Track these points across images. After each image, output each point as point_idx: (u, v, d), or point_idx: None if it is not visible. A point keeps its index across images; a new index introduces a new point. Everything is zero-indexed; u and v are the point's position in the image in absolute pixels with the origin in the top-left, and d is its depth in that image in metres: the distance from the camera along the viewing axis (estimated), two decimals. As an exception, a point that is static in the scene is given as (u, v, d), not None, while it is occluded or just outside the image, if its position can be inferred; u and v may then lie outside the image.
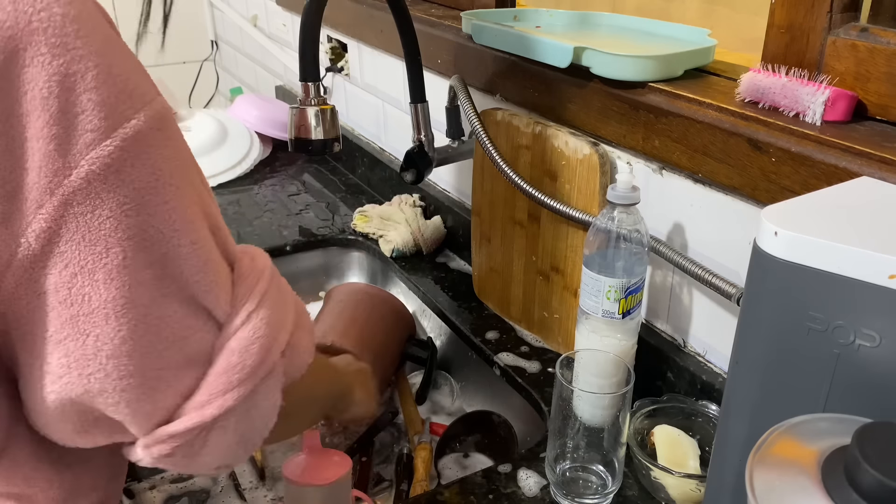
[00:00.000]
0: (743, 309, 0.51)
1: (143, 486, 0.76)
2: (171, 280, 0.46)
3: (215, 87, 2.42)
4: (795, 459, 0.40)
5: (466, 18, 1.00)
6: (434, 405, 1.05)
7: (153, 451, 0.50)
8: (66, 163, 0.42)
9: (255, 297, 0.51)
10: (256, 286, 0.52)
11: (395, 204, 1.28)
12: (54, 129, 0.42)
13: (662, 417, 0.78)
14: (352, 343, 0.99)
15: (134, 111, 0.44)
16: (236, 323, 0.50)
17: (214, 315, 0.50)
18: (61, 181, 0.42)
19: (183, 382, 0.49)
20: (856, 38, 0.67)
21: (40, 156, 0.42)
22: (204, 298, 0.49)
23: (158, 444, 0.49)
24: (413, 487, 0.88)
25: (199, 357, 0.49)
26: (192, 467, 0.52)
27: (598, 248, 0.77)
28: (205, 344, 0.49)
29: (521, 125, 0.93)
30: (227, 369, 0.49)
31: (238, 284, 0.51)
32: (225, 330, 0.50)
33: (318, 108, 0.92)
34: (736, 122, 0.70)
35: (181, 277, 0.47)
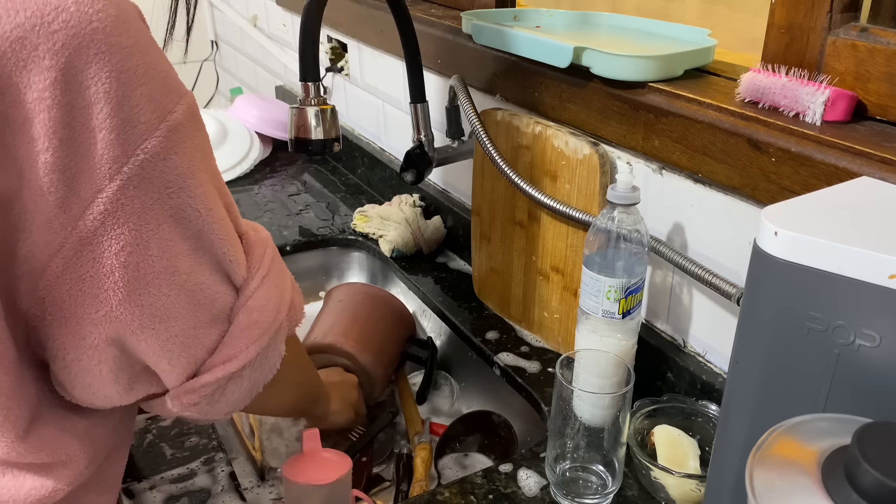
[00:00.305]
0: (743, 309, 0.51)
1: (143, 486, 0.76)
2: (203, 251, 0.53)
3: (215, 87, 2.42)
4: (795, 459, 0.40)
5: (466, 18, 1.00)
6: (434, 405, 1.05)
7: (183, 400, 0.56)
8: (125, 151, 0.47)
9: (265, 263, 0.59)
10: (265, 255, 0.59)
11: (395, 204, 1.28)
12: (115, 120, 0.46)
13: (662, 417, 0.78)
14: (352, 343, 0.99)
15: (174, 104, 0.50)
16: (252, 286, 0.58)
17: (233, 280, 0.57)
18: (120, 168, 0.47)
19: (210, 338, 0.56)
20: (856, 38, 0.67)
21: (103, 144, 0.46)
22: (227, 266, 0.56)
23: (188, 394, 0.56)
24: (412, 487, 0.88)
25: (222, 316, 0.56)
26: (210, 414, 0.59)
27: (598, 248, 0.77)
28: (226, 305, 0.56)
29: (521, 125, 0.93)
30: (248, 325, 0.57)
31: (250, 253, 0.59)
32: (243, 292, 0.57)
33: (318, 108, 0.92)
34: (736, 122, 0.70)
35: (211, 249, 0.54)
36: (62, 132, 0.45)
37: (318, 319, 1.04)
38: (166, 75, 0.50)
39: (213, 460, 0.79)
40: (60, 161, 0.46)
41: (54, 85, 0.44)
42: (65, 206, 0.47)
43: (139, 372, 0.55)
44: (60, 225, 0.47)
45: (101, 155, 0.46)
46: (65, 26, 0.44)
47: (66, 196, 0.46)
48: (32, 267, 0.48)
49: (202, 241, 0.53)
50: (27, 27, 0.44)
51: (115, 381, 0.54)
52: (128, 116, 0.47)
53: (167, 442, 0.82)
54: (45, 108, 0.45)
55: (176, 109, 0.50)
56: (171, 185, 0.50)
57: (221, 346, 0.57)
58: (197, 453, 0.80)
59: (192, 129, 0.51)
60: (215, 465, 0.79)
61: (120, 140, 0.47)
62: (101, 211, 0.47)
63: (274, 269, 0.60)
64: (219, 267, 0.55)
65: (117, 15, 0.47)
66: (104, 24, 0.46)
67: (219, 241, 0.54)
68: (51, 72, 0.44)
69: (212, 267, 0.54)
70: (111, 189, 0.47)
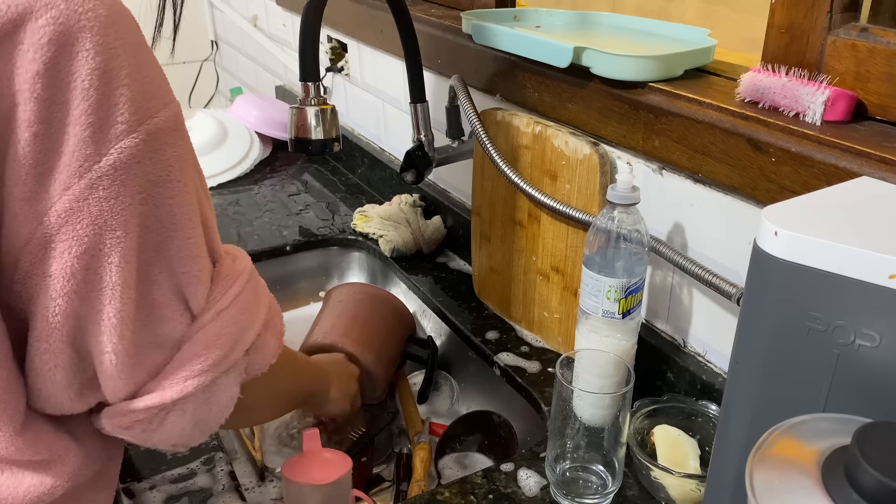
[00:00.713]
0: (743, 309, 0.51)
1: (143, 486, 0.76)
2: (160, 267, 0.51)
3: (215, 87, 2.42)
4: (795, 459, 0.40)
5: (466, 18, 1.00)
6: (434, 405, 1.05)
7: (114, 421, 0.54)
8: (98, 150, 0.47)
9: (228, 297, 0.56)
10: (231, 288, 0.57)
11: (395, 204, 1.28)
12: (92, 117, 0.46)
13: (662, 417, 0.78)
14: (353, 343, 0.99)
15: (157, 109, 0.49)
16: (207, 318, 0.55)
17: (190, 306, 0.54)
18: (91, 166, 0.47)
19: (152, 361, 0.53)
20: (856, 38, 0.67)
21: (76, 141, 0.46)
22: (185, 289, 0.53)
23: (119, 416, 0.54)
24: (411, 487, 0.88)
25: (170, 342, 0.54)
26: (149, 442, 0.57)
27: (598, 248, 0.77)
28: (176, 331, 0.54)
29: (521, 125, 0.93)
30: (190, 358, 0.54)
31: (216, 283, 0.56)
32: (196, 322, 0.55)
33: (318, 108, 0.92)
34: (736, 122, 0.70)
35: (170, 266, 0.51)
36: (37, 126, 0.45)
37: (319, 320, 1.04)
38: (152, 81, 0.50)
39: (213, 460, 0.79)
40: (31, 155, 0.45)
41: (35, 79, 0.45)
42: (32, 200, 0.46)
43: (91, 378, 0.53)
44: (26, 218, 0.47)
45: (72, 152, 0.46)
46: (52, 22, 0.45)
47: (34, 190, 0.46)
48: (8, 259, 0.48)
49: (162, 254, 0.51)
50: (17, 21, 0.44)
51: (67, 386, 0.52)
52: (105, 115, 0.47)
53: (167, 442, 0.82)
54: (24, 101, 0.45)
55: (158, 115, 0.49)
56: (141, 190, 0.49)
57: (162, 374, 0.54)
58: (197, 453, 0.80)
59: (174, 137, 0.51)
60: (215, 465, 0.79)
61: (94, 138, 0.46)
62: (66, 209, 0.47)
63: (237, 305, 0.57)
64: (176, 289, 0.53)
65: (107, 15, 0.47)
66: (92, 22, 0.46)
67: (180, 260, 0.52)
68: (34, 65, 0.45)
69: (168, 286, 0.52)
70: (78, 187, 0.46)
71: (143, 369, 0.53)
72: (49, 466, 0.54)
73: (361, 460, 0.94)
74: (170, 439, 0.57)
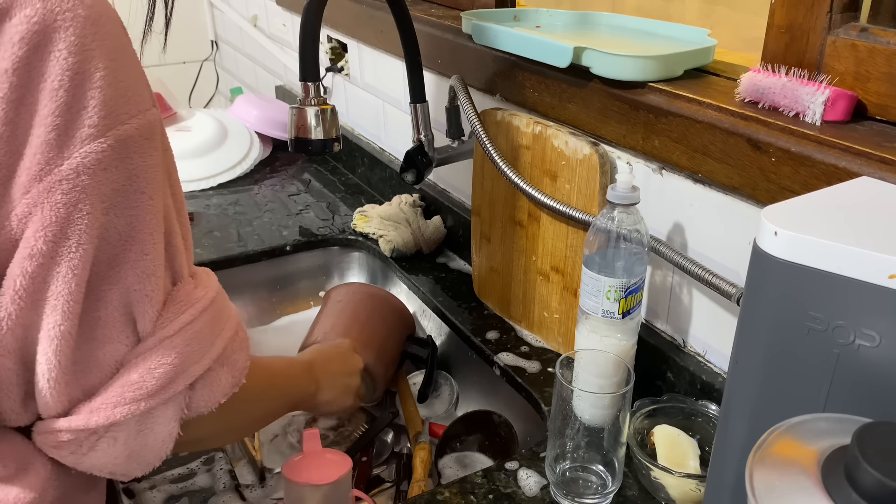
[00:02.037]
0: (743, 309, 0.51)
1: (143, 485, 0.76)
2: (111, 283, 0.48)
3: (215, 87, 2.42)
4: (795, 459, 0.40)
5: (466, 18, 1.00)
6: (434, 406, 1.05)
7: (41, 438, 0.51)
8: (61, 153, 0.44)
9: (176, 324, 0.52)
10: (182, 315, 0.53)
11: (395, 204, 1.28)
12: (58, 119, 0.44)
13: (662, 417, 0.78)
14: (353, 343, 0.99)
15: (129, 116, 0.47)
16: (149, 344, 0.51)
17: (137, 328, 0.51)
18: (52, 169, 0.44)
19: (88, 381, 0.50)
20: (856, 38, 0.67)
21: (38, 143, 0.44)
22: (135, 308, 0.50)
23: (46, 433, 0.51)
24: (411, 487, 0.88)
25: (110, 363, 0.51)
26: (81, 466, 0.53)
27: (598, 248, 0.77)
28: (118, 353, 0.51)
29: (521, 125, 0.93)
30: (123, 384, 0.50)
31: (167, 307, 0.52)
32: (137, 347, 0.51)
33: (318, 108, 0.92)
34: (736, 122, 0.70)
35: (122, 283, 0.48)
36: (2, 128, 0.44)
37: (318, 320, 1.04)
38: (128, 86, 0.47)
39: (213, 460, 0.79)
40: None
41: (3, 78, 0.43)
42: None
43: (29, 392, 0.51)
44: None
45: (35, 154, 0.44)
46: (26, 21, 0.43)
47: None
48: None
49: (114, 269, 0.48)
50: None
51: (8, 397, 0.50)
52: (73, 118, 0.45)
53: (167, 442, 0.82)
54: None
55: (129, 122, 0.47)
56: (103, 199, 0.46)
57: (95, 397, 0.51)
58: (197, 453, 0.80)
59: (145, 146, 0.48)
60: (215, 465, 0.79)
61: (59, 141, 0.44)
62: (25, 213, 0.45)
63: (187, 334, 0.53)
64: (125, 308, 0.50)
65: (86, 16, 0.45)
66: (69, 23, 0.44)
67: (133, 276, 0.49)
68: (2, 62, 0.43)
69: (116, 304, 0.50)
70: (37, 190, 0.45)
71: (79, 387, 0.50)
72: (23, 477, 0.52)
73: (361, 460, 0.94)
74: (103, 467, 0.53)
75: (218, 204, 1.41)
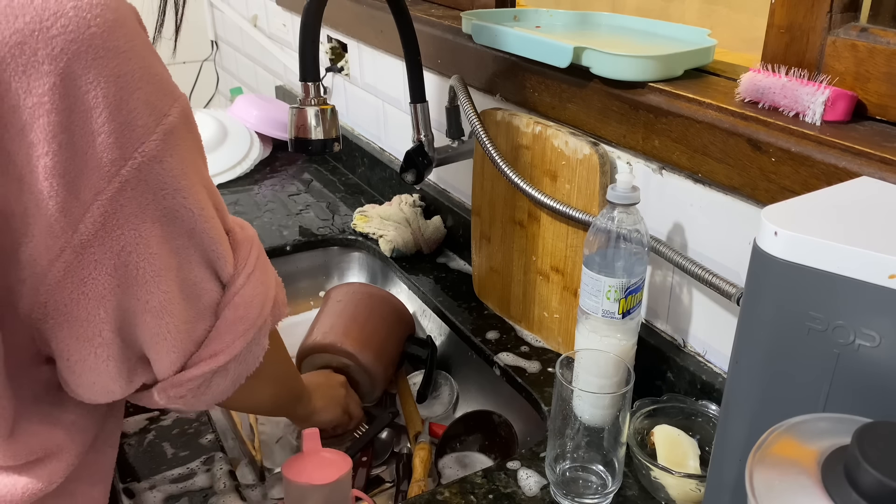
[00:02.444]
0: (743, 309, 0.51)
1: (143, 485, 0.76)
2: (194, 248, 0.55)
3: (215, 87, 2.42)
4: (795, 459, 0.40)
5: (466, 18, 1.00)
6: (434, 406, 1.05)
7: (170, 392, 0.58)
8: (123, 154, 0.48)
9: (251, 261, 0.60)
10: (251, 252, 0.61)
11: (395, 204, 1.28)
12: (113, 123, 0.47)
13: (662, 417, 0.78)
14: (352, 343, 0.99)
15: (169, 107, 0.50)
16: (239, 283, 0.59)
17: (220, 276, 0.58)
18: (118, 170, 0.48)
19: (198, 332, 0.57)
20: (856, 38, 0.67)
21: (101, 148, 0.47)
22: (216, 263, 0.57)
23: (176, 387, 0.57)
24: (411, 487, 0.88)
25: (209, 311, 0.58)
26: (194, 406, 0.61)
27: (598, 248, 0.77)
28: (214, 300, 0.58)
29: (521, 125, 0.93)
30: (234, 321, 0.58)
31: (236, 251, 0.59)
32: (230, 288, 0.58)
33: (317, 108, 0.92)
34: (736, 122, 0.70)
35: (202, 246, 0.55)
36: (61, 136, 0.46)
37: (318, 319, 1.04)
38: (161, 78, 0.50)
39: (213, 460, 0.79)
40: (60, 165, 0.46)
41: (53, 90, 0.45)
42: (65, 211, 0.47)
43: (136, 363, 0.56)
44: (61, 229, 0.47)
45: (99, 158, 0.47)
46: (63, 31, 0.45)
47: (66, 200, 0.47)
48: (34, 271, 0.49)
49: (194, 238, 0.54)
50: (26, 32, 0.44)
51: (118, 375, 0.55)
52: (125, 120, 0.47)
53: (167, 441, 0.82)
54: (45, 112, 0.45)
55: (171, 112, 0.50)
56: (166, 186, 0.51)
57: (208, 341, 0.58)
58: (197, 453, 0.80)
59: (186, 131, 0.52)
60: (215, 465, 0.79)
61: (118, 143, 0.47)
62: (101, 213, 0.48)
63: (259, 267, 0.61)
64: (208, 264, 0.56)
65: (115, 19, 0.47)
66: (102, 28, 0.46)
67: (209, 240, 0.55)
68: (49, 77, 0.45)
69: (202, 263, 0.56)
70: (110, 192, 0.48)
71: (192, 342, 0.57)
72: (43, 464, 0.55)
73: (361, 460, 0.94)
74: (211, 399, 0.61)
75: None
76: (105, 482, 0.63)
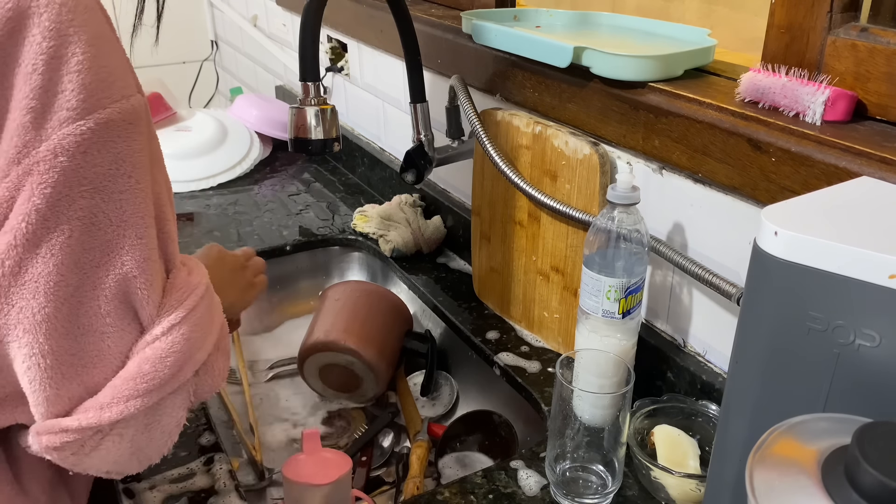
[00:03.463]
0: (743, 309, 0.51)
1: (143, 485, 0.76)
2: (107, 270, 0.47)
3: (215, 87, 2.42)
4: (795, 459, 0.40)
5: (466, 18, 1.00)
6: (434, 406, 1.05)
7: (42, 440, 0.49)
8: (38, 135, 0.44)
9: (181, 310, 0.52)
10: (186, 300, 0.52)
11: (395, 204, 1.28)
12: (33, 102, 0.44)
13: (662, 417, 0.78)
14: (354, 339, 0.99)
15: (111, 101, 0.47)
16: (156, 332, 0.50)
17: (140, 317, 0.50)
18: (29, 151, 0.44)
19: (91, 377, 0.49)
20: (856, 38, 0.67)
21: (15, 126, 0.44)
22: (134, 297, 0.49)
23: (49, 434, 0.49)
24: (406, 483, 0.88)
25: (113, 356, 0.49)
26: (79, 467, 0.52)
27: (598, 247, 0.77)
28: (122, 345, 0.50)
29: (521, 125, 0.93)
30: (135, 376, 0.49)
31: (169, 294, 0.52)
32: (144, 336, 0.50)
33: (317, 108, 0.92)
34: (736, 122, 0.70)
35: (119, 269, 0.48)
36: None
37: (318, 318, 1.04)
38: (110, 72, 0.47)
39: (213, 460, 0.79)
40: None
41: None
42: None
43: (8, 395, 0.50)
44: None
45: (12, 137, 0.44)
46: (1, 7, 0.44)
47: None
48: None
49: (109, 256, 0.48)
50: None
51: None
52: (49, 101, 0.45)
53: (167, 442, 0.82)
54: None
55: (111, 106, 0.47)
56: (85, 182, 0.46)
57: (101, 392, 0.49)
58: (197, 453, 0.80)
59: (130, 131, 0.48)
60: (215, 465, 0.79)
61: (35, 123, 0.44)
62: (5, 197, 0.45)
63: (192, 321, 0.52)
64: (123, 297, 0.49)
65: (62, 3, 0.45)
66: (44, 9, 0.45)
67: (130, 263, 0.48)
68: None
69: (114, 293, 0.48)
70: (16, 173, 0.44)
71: (80, 384, 0.49)
72: None
73: (361, 460, 0.94)
74: (103, 466, 0.52)
75: (218, 204, 1.41)
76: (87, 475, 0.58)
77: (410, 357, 1.10)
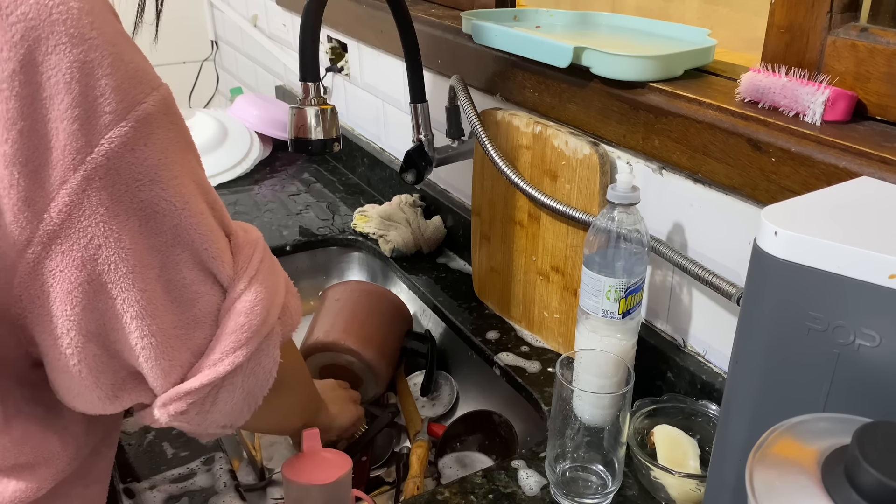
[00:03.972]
0: (743, 309, 0.51)
1: (144, 485, 0.76)
2: (182, 247, 0.52)
3: (215, 87, 2.42)
4: (795, 459, 0.40)
5: (466, 18, 1.00)
6: (434, 406, 1.05)
7: (170, 408, 0.54)
8: (89, 141, 0.46)
9: (253, 264, 0.57)
10: (254, 255, 0.58)
11: (395, 204, 1.28)
12: (77, 110, 0.46)
13: (662, 417, 0.78)
14: (354, 340, 0.99)
15: (144, 95, 0.49)
16: (239, 288, 0.56)
17: (219, 280, 0.55)
18: (84, 158, 0.46)
19: (195, 341, 0.54)
20: (856, 38, 0.67)
21: (65, 135, 0.46)
22: (210, 264, 0.54)
23: (175, 401, 0.54)
24: (406, 483, 0.88)
25: (208, 318, 0.55)
26: (204, 425, 0.57)
27: (598, 247, 0.77)
28: (212, 306, 0.55)
29: (521, 125, 0.93)
30: (235, 329, 0.55)
31: (237, 254, 0.57)
32: (230, 294, 0.56)
33: (317, 108, 0.92)
34: (736, 122, 0.70)
35: (191, 245, 0.52)
36: (21, 124, 0.45)
37: (318, 319, 1.04)
38: (136, 67, 0.49)
39: (213, 460, 0.79)
40: (21, 153, 0.45)
41: (13, 76, 0.44)
42: (29, 201, 0.46)
43: (124, 378, 0.54)
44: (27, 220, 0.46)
45: (63, 146, 0.46)
46: (23, 18, 0.44)
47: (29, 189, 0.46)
48: (5, 265, 0.47)
49: (180, 235, 0.51)
50: None
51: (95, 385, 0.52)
52: (91, 107, 0.46)
53: (167, 441, 0.82)
54: (3, 99, 0.44)
55: (146, 100, 0.49)
56: (140, 176, 0.49)
57: (208, 350, 0.55)
58: (197, 453, 0.80)
59: (166, 121, 0.51)
60: (215, 465, 0.79)
61: (83, 130, 0.46)
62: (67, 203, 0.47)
63: (263, 271, 0.58)
64: (201, 265, 0.53)
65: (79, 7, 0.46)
66: (64, 15, 0.45)
67: (199, 237, 0.52)
68: (9, 63, 0.44)
69: (193, 264, 0.53)
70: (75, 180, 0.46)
71: (187, 350, 0.54)
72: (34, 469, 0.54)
73: (361, 460, 0.94)
74: (222, 419, 0.58)
75: (218, 204, 1.40)
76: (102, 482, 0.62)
77: (410, 357, 1.10)
